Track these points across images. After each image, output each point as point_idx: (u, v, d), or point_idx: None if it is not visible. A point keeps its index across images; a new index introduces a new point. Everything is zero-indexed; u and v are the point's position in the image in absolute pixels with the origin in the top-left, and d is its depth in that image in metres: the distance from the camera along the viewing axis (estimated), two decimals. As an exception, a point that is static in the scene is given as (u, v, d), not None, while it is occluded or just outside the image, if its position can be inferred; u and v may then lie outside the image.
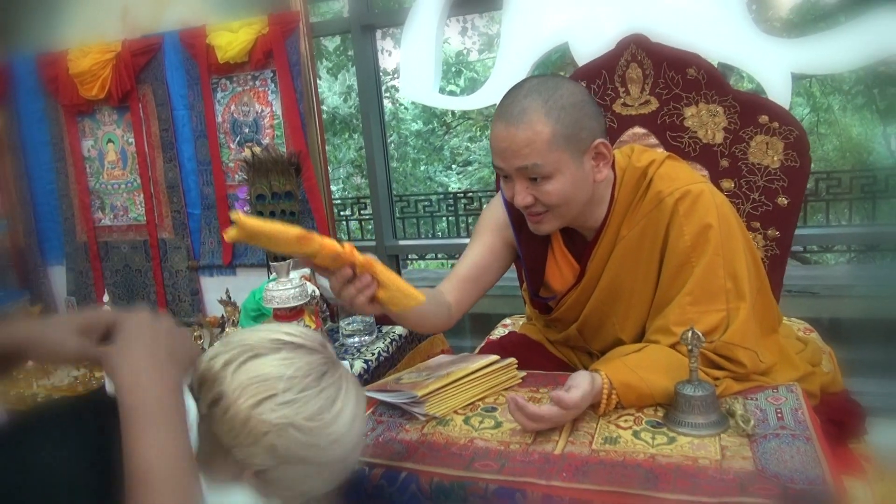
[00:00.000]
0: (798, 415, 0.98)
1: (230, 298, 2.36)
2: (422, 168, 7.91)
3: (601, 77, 1.87)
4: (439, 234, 4.61)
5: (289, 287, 1.35)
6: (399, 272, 3.00)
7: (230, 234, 0.89)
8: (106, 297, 2.66)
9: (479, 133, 7.68)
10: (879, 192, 3.27)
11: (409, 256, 4.74)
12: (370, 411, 1.16)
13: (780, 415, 0.99)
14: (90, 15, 2.79)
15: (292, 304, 1.35)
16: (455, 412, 1.12)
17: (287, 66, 2.45)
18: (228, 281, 2.67)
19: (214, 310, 2.68)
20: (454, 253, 4.07)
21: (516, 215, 1.34)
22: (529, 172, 1.15)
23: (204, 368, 0.78)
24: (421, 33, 2.44)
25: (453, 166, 8.30)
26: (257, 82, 2.55)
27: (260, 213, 1.37)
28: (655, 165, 1.26)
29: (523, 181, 1.17)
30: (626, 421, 1.03)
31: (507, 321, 2.00)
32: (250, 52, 2.46)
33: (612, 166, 1.26)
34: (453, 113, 7.38)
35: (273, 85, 2.52)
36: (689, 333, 0.97)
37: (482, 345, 1.71)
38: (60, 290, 3.05)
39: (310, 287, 1.45)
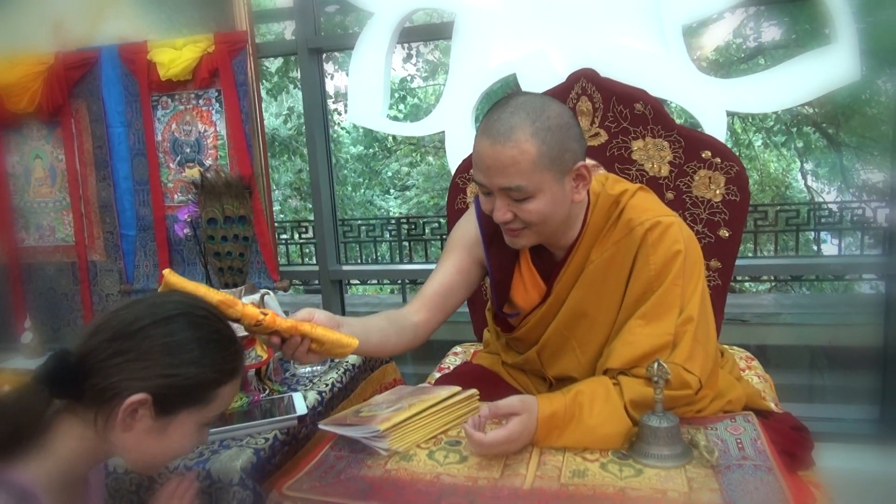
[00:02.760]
0: (757, 444, 1.00)
1: (166, 324, 2.25)
2: (361, 192, 7.87)
3: (552, 109, 1.91)
4: (381, 259, 4.58)
5: (240, 315, 1.29)
6: (342, 298, 2.94)
7: (161, 286, 0.99)
8: (28, 323, 2.50)
9: (419, 158, 7.73)
10: (801, 224, 3.48)
11: (351, 281, 4.69)
12: (328, 446, 1.12)
13: (740, 445, 1.01)
14: (19, 25, 2.65)
15: (242, 333, 1.29)
16: (418, 446, 1.09)
17: (233, 86, 2.39)
18: (164, 306, 2.55)
19: (147, 336, 2.55)
20: (397, 279, 4.06)
21: (487, 229, 1.35)
22: (512, 193, 1.16)
23: None
24: (369, 58, 2.44)
25: (391, 191, 8.30)
26: (201, 101, 2.48)
27: (211, 238, 1.31)
28: (628, 195, 1.29)
29: (504, 199, 1.18)
30: (592, 453, 1.03)
31: (458, 349, 1.98)
32: (195, 71, 2.40)
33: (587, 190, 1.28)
34: (394, 138, 7.41)
35: (218, 105, 2.46)
36: (655, 365, 0.98)
37: (437, 375, 1.69)
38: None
39: (260, 315, 1.39)
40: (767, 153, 7.14)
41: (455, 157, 2.38)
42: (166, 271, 0.99)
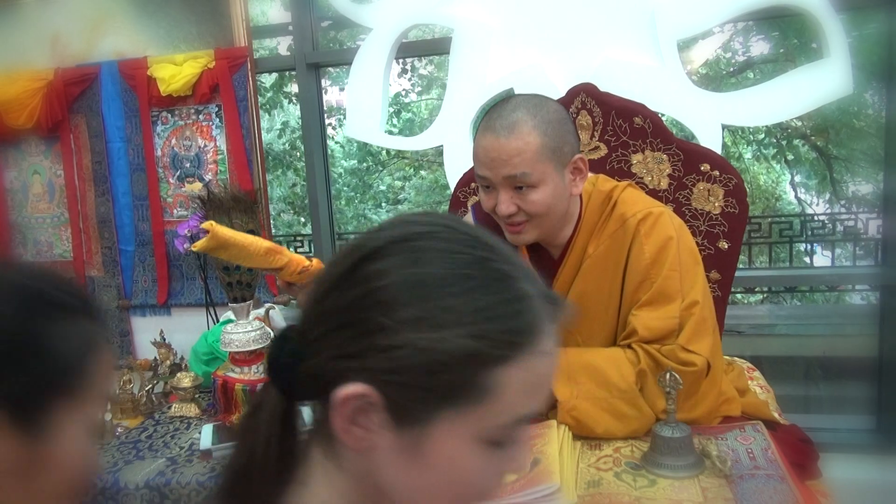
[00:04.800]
0: (768, 454, 1.01)
1: (164, 340, 2.24)
2: (355, 206, 7.87)
3: (552, 123, 1.93)
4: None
5: (249, 329, 1.29)
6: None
7: (200, 243, 0.87)
8: (25, 339, 2.47)
9: (413, 172, 7.74)
10: (795, 236, 3.51)
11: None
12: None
13: (751, 454, 1.02)
14: (15, 40, 2.65)
15: (252, 347, 1.29)
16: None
17: (234, 102, 2.40)
18: (162, 321, 2.54)
19: (146, 352, 2.54)
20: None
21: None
22: (517, 181, 1.21)
23: None
24: (368, 73, 2.46)
25: (384, 204, 8.30)
26: (201, 116, 2.49)
27: (219, 253, 1.32)
28: (619, 190, 1.36)
29: (508, 190, 1.23)
30: (605, 462, 1.04)
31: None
32: (195, 86, 2.41)
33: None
34: (388, 151, 7.42)
35: (218, 120, 2.47)
36: (668, 376, 1.00)
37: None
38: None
39: (266, 329, 1.40)
40: (757, 165, 7.21)
41: (453, 170, 2.40)
42: (208, 224, 0.88)
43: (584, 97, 1.91)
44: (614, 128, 1.89)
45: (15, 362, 0.60)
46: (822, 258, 4.91)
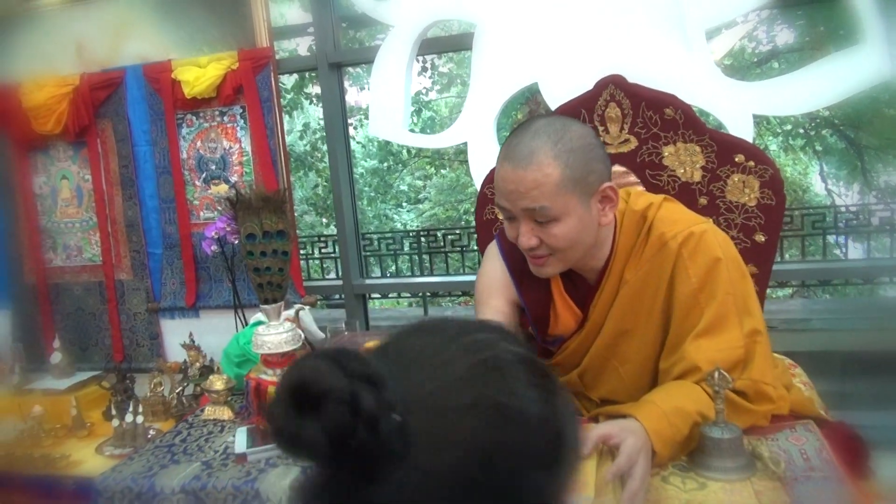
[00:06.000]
0: (823, 455, 0.97)
1: (194, 342, 2.24)
2: (377, 205, 7.89)
3: (581, 116, 1.89)
4: (400, 272, 4.57)
5: (281, 331, 1.28)
6: (366, 312, 2.93)
7: None
8: (56, 343, 2.50)
9: (434, 171, 7.73)
10: (828, 228, 3.43)
11: (371, 295, 4.68)
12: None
13: (805, 455, 0.98)
14: (42, 48, 2.68)
15: (285, 349, 1.28)
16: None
17: (258, 103, 2.40)
18: (191, 324, 2.55)
19: (175, 354, 2.55)
20: (419, 291, 4.04)
21: (514, 265, 1.31)
22: (536, 215, 1.13)
23: None
24: (390, 71, 2.44)
25: (404, 204, 8.30)
26: (226, 118, 2.49)
27: (250, 253, 1.30)
28: (654, 208, 1.26)
29: (529, 223, 1.15)
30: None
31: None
32: (219, 88, 2.41)
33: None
34: (409, 151, 7.42)
35: (242, 121, 2.46)
36: (716, 374, 0.96)
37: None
38: (5, 335, 2.84)
39: (297, 331, 1.38)
40: (783, 156, 7.09)
41: (478, 167, 2.37)
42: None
43: (613, 89, 1.87)
44: (644, 119, 1.85)
45: (558, 461, 0.50)
46: (853, 250, 4.80)
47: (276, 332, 1.27)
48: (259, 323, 1.52)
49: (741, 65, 6.34)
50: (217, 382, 1.38)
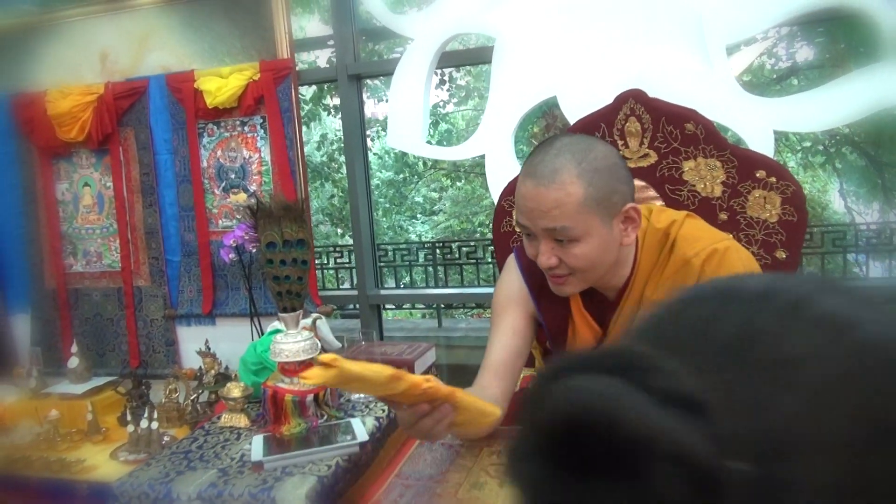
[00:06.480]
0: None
1: (209, 349, 2.25)
2: (392, 217, 7.91)
3: (600, 130, 1.90)
4: (414, 283, 4.57)
5: (299, 339, 1.28)
6: (381, 322, 2.93)
7: (317, 374, 0.78)
8: (74, 348, 2.52)
9: (450, 183, 7.74)
10: (849, 246, 3.39)
11: (385, 306, 4.69)
12: (394, 474, 1.09)
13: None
14: (67, 57, 2.73)
15: (303, 357, 1.28)
16: (489, 475, 1.06)
17: (278, 113, 2.42)
18: (207, 331, 2.56)
19: (191, 361, 2.57)
20: (433, 303, 4.04)
21: (533, 281, 1.30)
22: (557, 234, 1.11)
23: None
24: (409, 83, 2.45)
25: (419, 216, 8.32)
26: (246, 128, 2.51)
27: (270, 262, 1.31)
28: (677, 226, 1.24)
29: (549, 242, 1.13)
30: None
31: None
32: (240, 98, 2.44)
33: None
34: (425, 163, 7.45)
35: (262, 131, 2.49)
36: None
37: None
38: (24, 339, 2.88)
39: (315, 340, 1.39)
40: (803, 174, 7.03)
41: (495, 179, 2.37)
42: (332, 358, 0.78)
43: (633, 103, 1.87)
44: (664, 134, 1.84)
45: None
46: (873, 269, 4.74)
47: (294, 341, 1.27)
48: (277, 331, 1.53)
49: (760, 81, 6.31)
50: (234, 390, 1.38)
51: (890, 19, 1.98)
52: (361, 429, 1.28)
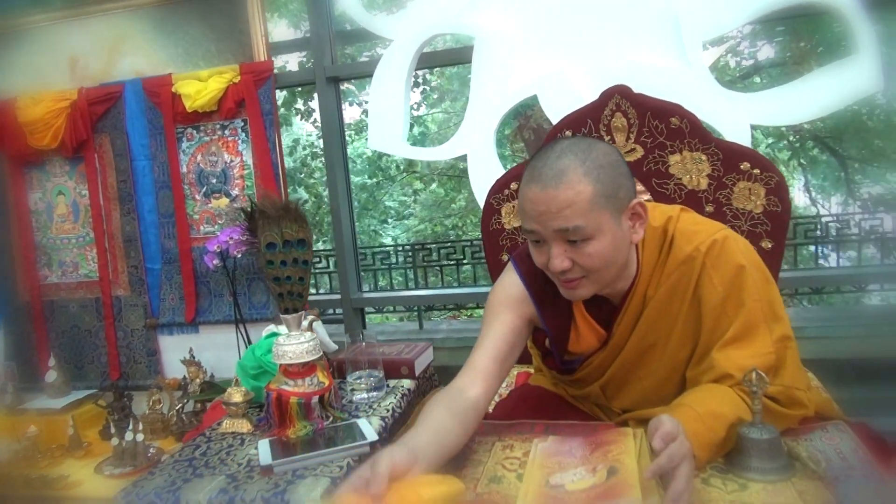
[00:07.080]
0: (859, 454, 0.98)
1: (194, 358, 2.21)
2: (364, 221, 7.88)
3: (587, 126, 1.91)
4: (394, 286, 4.55)
5: (302, 341, 1.26)
6: (364, 326, 2.92)
7: None
8: (51, 361, 2.45)
9: (423, 187, 7.74)
10: (819, 237, 3.48)
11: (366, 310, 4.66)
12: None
13: (841, 455, 0.98)
14: (34, 63, 2.66)
15: (306, 358, 1.26)
16: (505, 468, 1.06)
17: (260, 116, 2.39)
18: (190, 339, 2.52)
19: (173, 371, 2.52)
20: (416, 304, 4.02)
21: (534, 287, 1.29)
22: (570, 235, 1.10)
23: None
24: (389, 85, 2.45)
25: (390, 220, 8.30)
26: (227, 132, 2.47)
27: (270, 263, 1.29)
28: (673, 222, 1.25)
29: (561, 244, 1.12)
30: (688, 468, 1.00)
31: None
32: (220, 101, 2.40)
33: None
34: (398, 166, 7.43)
35: (244, 134, 2.45)
36: (753, 375, 0.96)
37: (496, 399, 1.65)
38: (-4, 355, 2.78)
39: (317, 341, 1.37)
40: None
41: (478, 179, 2.38)
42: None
43: (619, 99, 1.89)
44: (650, 129, 1.87)
45: None
46: (840, 260, 4.87)
47: (296, 342, 1.25)
48: (274, 335, 1.51)
49: (725, 79, 6.45)
50: (236, 395, 1.36)
51: (857, 14, 2.05)
52: (370, 428, 1.27)
